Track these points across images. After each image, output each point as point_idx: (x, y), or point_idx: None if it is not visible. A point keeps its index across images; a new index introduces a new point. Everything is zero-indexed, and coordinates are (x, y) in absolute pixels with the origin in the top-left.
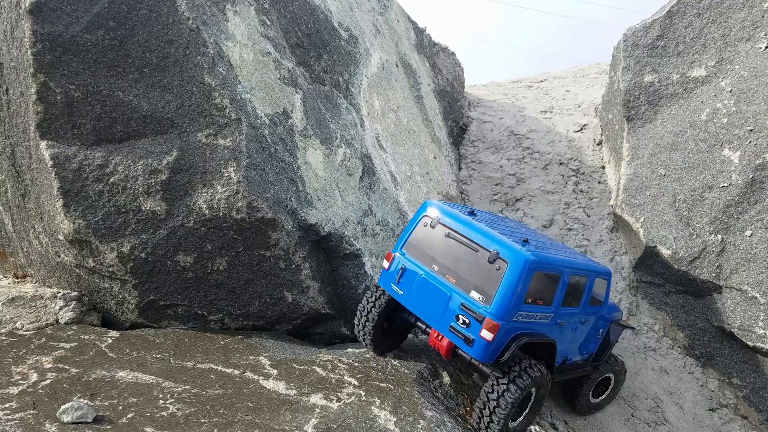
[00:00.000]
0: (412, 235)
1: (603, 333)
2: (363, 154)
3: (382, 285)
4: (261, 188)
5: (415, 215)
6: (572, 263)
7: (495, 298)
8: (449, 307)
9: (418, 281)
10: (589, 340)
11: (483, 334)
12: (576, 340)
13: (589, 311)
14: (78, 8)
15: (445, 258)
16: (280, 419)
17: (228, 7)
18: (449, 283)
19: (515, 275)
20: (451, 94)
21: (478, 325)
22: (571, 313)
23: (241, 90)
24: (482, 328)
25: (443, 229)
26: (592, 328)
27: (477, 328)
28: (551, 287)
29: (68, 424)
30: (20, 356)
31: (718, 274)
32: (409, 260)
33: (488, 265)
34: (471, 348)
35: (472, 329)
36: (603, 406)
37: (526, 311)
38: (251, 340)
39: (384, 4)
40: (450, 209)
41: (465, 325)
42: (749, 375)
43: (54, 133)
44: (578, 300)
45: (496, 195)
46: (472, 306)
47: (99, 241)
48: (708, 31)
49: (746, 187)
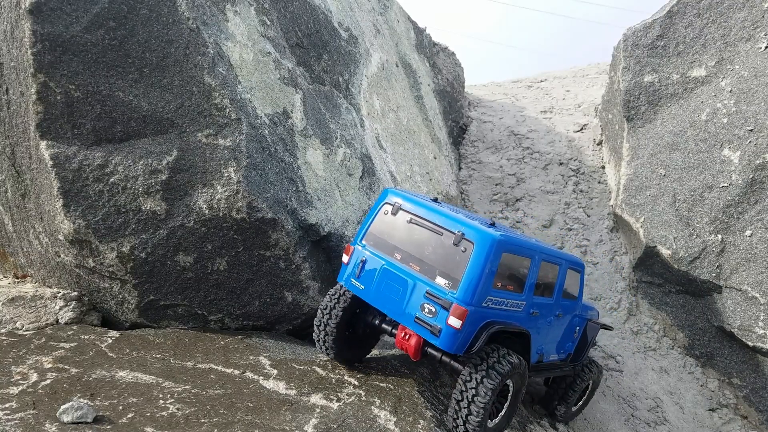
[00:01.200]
0: (373, 225)
1: (580, 332)
2: (363, 154)
3: (340, 281)
4: (261, 188)
5: (375, 204)
6: (543, 248)
7: (462, 281)
8: (414, 297)
9: (380, 273)
10: (566, 339)
11: (451, 322)
12: (552, 337)
13: (563, 304)
14: (78, 8)
15: (407, 245)
16: (280, 419)
17: (228, 7)
18: (413, 271)
19: (482, 256)
20: (451, 94)
21: (445, 312)
22: (544, 303)
23: (241, 90)
24: (449, 315)
25: (405, 215)
26: (569, 326)
27: (444, 316)
28: (521, 273)
29: (68, 424)
30: (20, 356)
31: (718, 274)
32: (369, 251)
33: (454, 247)
34: (438, 339)
35: (439, 318)
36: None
37: (495, 296)
38: (251, 340)
39: (384, 4)
40: (411, 195)
41: (431, 314)
42: (749, 375)
43: (54, 133)
44: (551, 290)
45: (496, 195)
46: (437, 293)
47: (99, 241)
48: (708, 31)
49: (746, 187)
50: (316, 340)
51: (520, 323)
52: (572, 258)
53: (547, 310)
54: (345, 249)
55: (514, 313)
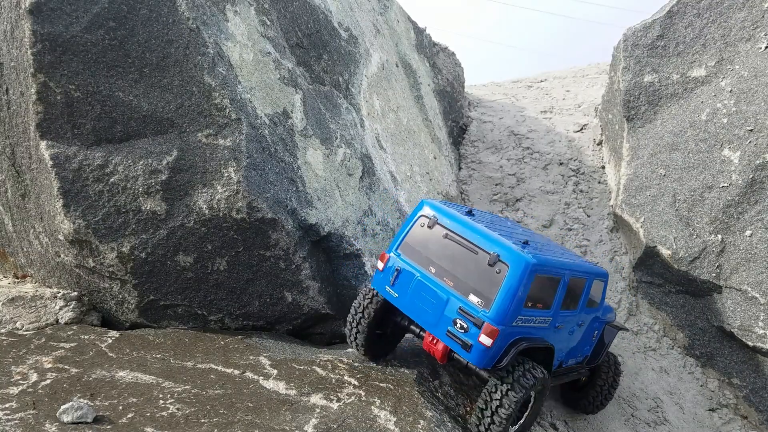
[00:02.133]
0: (409, 235)
1: (598, 335)
2: (363, 154)
3: (375, 287)
4: (261, 188)
5: (411, 215)
6: (572, 265)
7: (495, 302)
8: (447, 311)
9: (415, 284)
10: (584, 343)
11: (482, 340)
12: (572, 343)
13: (586, 314)
14: (78, 8)
15: (442, 260)
16: (280, 419)
17: (228, 7)
18: (447, 286)
19: (516, 279)
20: (451, 94)
21: (477, 330)
22: (568, 316)
23: (241, 90)
24: (481, 333)
25: (441, 229)
26: (588, 330)
27: (476, 334)
28: (551, 291)
29: (68, 424)
30: (20, 356)
31: (718, 274)
32: (404, 261)
33: (488, 267)
34: (469, 354)
35: (471, 334)
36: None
37: (525, 315)
38: (251, 340)
39: (384, 4)
40: (448, 209)
41: (463, 329)
42: (749, 375)
43: (54, 133)
44: (576, 303)
45: (496, 195)
46: (470, 310)
47: (99, 241)
48: (708, 31)
49: (746, 187)
50: (347, 336)
51: (546, 338)
52: (598, 270)
53: (571, 321)
54: (380, 256)
55: (542, 329)
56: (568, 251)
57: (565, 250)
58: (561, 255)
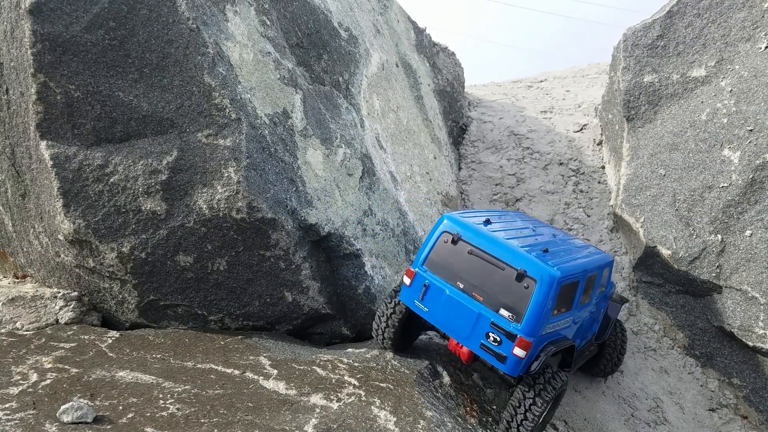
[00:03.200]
0: (433, 251)
1: (603, 312)
2: (363, 154)
3: (404, 301)
4: (261, 188)
5: (432, 230)
6: (588, 266)
7: (525, 316)
8: (479, 325)
9: (444, 299)
10: (593, 323)
11: (516, 352)
12: (584, 329)
13: (596, 301)
14: (78, 8)
15: (470, 275)
16: (280, 419)
17: (228, 7)
18: (477, 300)
19: (544, 293)
20: (451, 94)
21: (510, 342)
22: (584, 308)
23: (241, 90)
24: (515, 346)
25: (465, 245)
26: (596, 312)
27: (509, 346)
28: (572, 294)
29: (68, 424)
30: (20, 356)
31: (718, 274)
32: (432, 277)
33: (515, 282)
34: (504, 365)
35: (504, 347)
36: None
37: (552, 322)
38: (251, 340)
39: (384, 4)
40: (469, 222)
41: (496, 342)
42: (749, 375)
43: (54, 133)
44: (590, 295)
45: (496, 195)
46: (502, 324)
47: (99, 241)
48: (708, 31)
49: (746, 187)
50: (374, 336)
51: (567, 336)
52: (606, 260)
53: (586, 313)
54: (406, 271)
55: (565, 329)
56: (573, 239)
57: (570, 240)
58: (575, 253)
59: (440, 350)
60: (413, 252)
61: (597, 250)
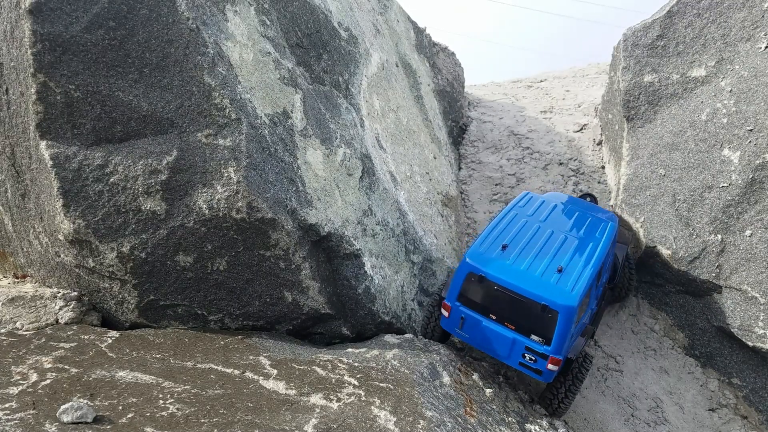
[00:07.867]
0: (463, 287)
1: (611, 260)
2: (363, 154)
3: (446, 328)
4: (261, 188)
5: (458, 269)
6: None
7: (554, 340)
8: (515, 348)
9: (481, 328)
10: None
11: (549, 368)
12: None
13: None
14: (78, 8)
15: (500, 308)
16: (280, 419)
17: (228, 7)
18: (510, 329)
19: (565, 320)
20: (451, 94)
21: (544, 360)
22: (600, 285)
23: (241, 90)
24: (548, 363)
25: (490, 284)
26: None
27: (543, 363)
28: (588, 296)
29: (68, 424)
30: (20, 356)
31: (718, 274)
32: (467, 311)
33: (540, 312)
34: (541, 377)
35: (539, 364)
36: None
37: (576, 330)
38: (251, 340)
39: (384, 4)
40: (489, 257)
41: (532, 361)
42: (749, 375)
43: (54, 133)
44: (601, 274)
45: (496, 195)
46: (534, 347)
47: (99, 241)
48: (708, 31)
49: (746, 187)
50: (422, 333)
51: (590, 323)
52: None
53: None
54: (443, 305)
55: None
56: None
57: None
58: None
59: (440, 350)
60: (413, 252)
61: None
